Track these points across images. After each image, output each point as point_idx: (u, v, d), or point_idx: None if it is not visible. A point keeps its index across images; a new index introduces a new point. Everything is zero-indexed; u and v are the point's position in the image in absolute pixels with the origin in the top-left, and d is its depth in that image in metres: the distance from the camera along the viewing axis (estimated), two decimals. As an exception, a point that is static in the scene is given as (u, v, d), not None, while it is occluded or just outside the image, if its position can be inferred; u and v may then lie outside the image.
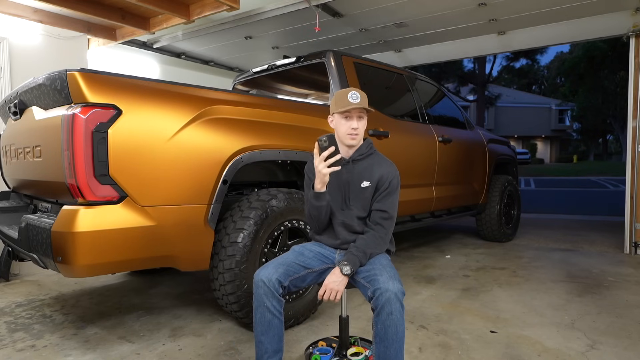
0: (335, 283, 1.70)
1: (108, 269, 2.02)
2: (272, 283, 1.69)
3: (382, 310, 1.56)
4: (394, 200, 1.85)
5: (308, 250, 1.89)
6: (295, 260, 1.81)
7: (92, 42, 4.62)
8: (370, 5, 4.02)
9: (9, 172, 2.87)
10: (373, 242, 1.79)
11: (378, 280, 1.61)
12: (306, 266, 1.82)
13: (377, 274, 1.65)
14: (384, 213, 1.83)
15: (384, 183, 1.84)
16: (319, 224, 1.89)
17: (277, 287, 1.70)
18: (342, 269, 1.70)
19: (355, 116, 1.81)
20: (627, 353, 2.17)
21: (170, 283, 3.56)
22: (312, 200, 1.80)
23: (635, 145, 4.27)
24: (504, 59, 29.61)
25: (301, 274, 1.80)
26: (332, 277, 1.72)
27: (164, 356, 2.21)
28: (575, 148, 40.30)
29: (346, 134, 1.82)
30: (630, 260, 4.13)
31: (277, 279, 1.70)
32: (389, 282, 1.58)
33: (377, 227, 1.82)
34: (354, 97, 1.80)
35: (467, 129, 4.69)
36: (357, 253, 1.74)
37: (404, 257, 4.38)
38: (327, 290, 1.70)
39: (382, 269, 1.68)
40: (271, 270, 1.72)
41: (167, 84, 2.23)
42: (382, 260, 1.77)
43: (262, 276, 1.70)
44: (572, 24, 4.57)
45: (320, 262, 1.87)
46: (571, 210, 8.26)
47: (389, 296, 1.55)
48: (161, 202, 2.07)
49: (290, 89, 3.87)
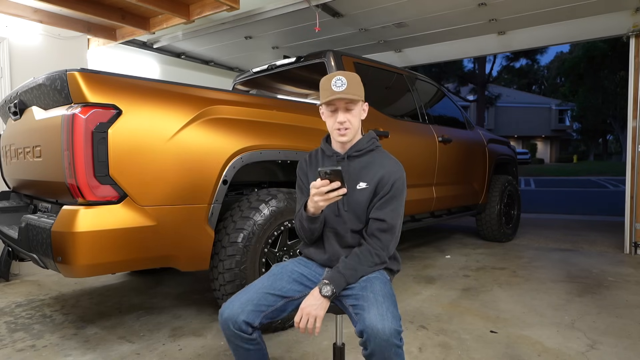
0: (313, 307, 1.36)
1: (108, 269, 2.02)
2: (238, 325, 1.39)
3: (372, 355, 1.27)
4: (396, 207, 1.51)
5: (288, 274, 1.55)
6: (269, 290, 1.48)
7: (92, 42, 4.62)
8: (370, 5, 4.02)
9: (9, 172, 2.87)
10: (366, 258, 1.46)
11: (364, 319, 1.28)
12: (283, 295, 1.48)
13: (365, 309, 1.31)
14: (382, 223, 1.48)
15: (385, 185, 1.50)
16: (310, 239, 1.60)
17: (246, 328, 1.40)
18: (321, 290, 1.38)
19: (341, 107, 1.49)
20: (627, 353, 2.17)
21: (170, 283, 3.56)
22: (305, 222, 1.50)
23: (635, 145, 4.27)
24: (504, 59, 29.65)
25: (278, 305, 1.47)
26: (309, 299, 1.39)
27: (164, 356, 2.21)
28: (575, 148, 40.31)
29: (334, 130, 1.53)
30: (630, 260, 4.13)
31: (243, 320, 1.39)
32: (378, 324, 1.25)
33: (373, 240, 1.48)
34: (337, 84, 1.45)
35: (467, 129, 4.69)
36: (345, 271, 1.42)
37: (404, 257, 4.37)
38: (303, 315, 1.36)
39: (373, 300, 1.33)
40: (237, 309, 1.41)
41: (167, 84, 2.23)
42: (375, 285, 1.41)
43: (227, 316, 1.41)
44: (572, 24, 4.57)
45: (302, 286, 1.53)
46: (571, 210, 8.26)
47: (378, 343, 1.24)
48: (161, 202, 2.07)
49: (290, 89, 3.87)
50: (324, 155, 1.66)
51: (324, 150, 1.66)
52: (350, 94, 1.47)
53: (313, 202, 1.40)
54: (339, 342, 1.61)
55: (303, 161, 1.72)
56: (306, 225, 1.52)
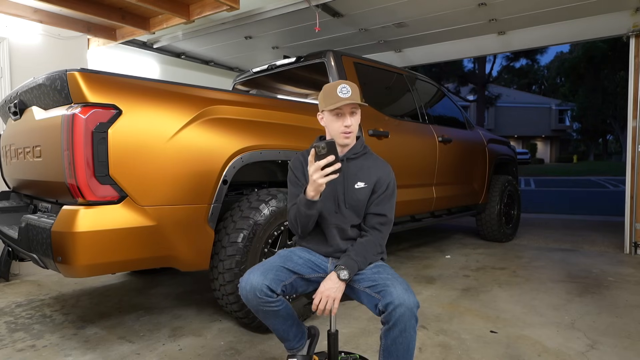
0: (332, 290, 1.51)
1: (108, 269, 2.02)
2: (264, 292, 1.50)
3: (394, 326, 1.42)
4: (392, 204, 1.72)
5: (297, 256, 1.69)
6: (282, 264, 1.61)
7: (92, 42, 4.62)
8: (370, 5, 4.02)
9: (9, 172, 2.87)
10: (372, 248, 1.64)
11: (391, 293, 1.44)
12: (295, 271, 1.62)
13: (389, 285, 1.47)
14: (383, 217, 1.68)
15: (382, 185, 1.69)
16: (304, 230, 1.69)
17: (270, 294, 1.52)
18: (339, 274, 1.52)
19: (347, 112, 1.64)
20: (627, 353, 2.17)
21: (170, 283, 3.56)
22: (303, 207, 1.58)
23: (635, 145, 4.27)
24: (504, 59, 29.67)
25: (291, 279, 1.61)
26: (327, 282, 1.53)
27: (164, 356, 2.21)
28: (575, 148, 40.31)
29: (339, 133, 1.65)
30: (630, 260, 4.13)
31: (267, 286, 1.51)
32: (405, 296, 1.42)
33: (375, 232, 1.67)
34: (344, 92, 1.61)
35: (467, 129, 4.69)
36: (357, 258, 1.57)
37: (404, 257, 4.37)
38: (322, 297, 1.51)
39: (394, 280, 1.50)
40: (259, 278, 1.52)
41: (167, 84, 2.23)
42: (388, 270, 1.60)
43: (251, 286, 1.51)
44: (572, 24, 4.57)
45: (310, 269, 1.67)
46: (571, 210, 8.26)
47: (403, 312, 1.40)
48: (161, 202, 2.07)
49: (290, 89, 3.87)
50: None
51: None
52: (356, 99, 1.63)
53: (313, 182, 1.50)
54: (333, 329, 1.73)
55: (297, 160, 1.78)
56: (303, 211, 1.59)
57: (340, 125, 1.65)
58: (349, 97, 1.61)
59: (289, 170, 1.79)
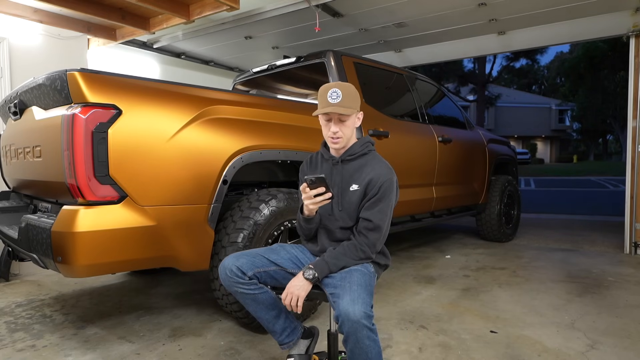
0: (296, 287, 1.53)
1: (108, 269, 2.02)
2: (233, 271, 1.60)
3: (347, 338, 1.40)
4: (383, 208, 1.62)
5: (285, 251, 1.76)
6: (264, 254, 1.70)
7: (92, 42, 4.62)
8: (370, 5, 4.02)
9: (9, 172, 2.87)
10: (350, 252, 1.60)
11: (338, 305, 1.41)
12: (276, 263, 1.69)
13: (340, 296, 1.44)
14: (369, 223, 1.61)
15: (373, 187, 1.62)
16: (308, 236, 1.81)
17: (239, 274, 1.60)
18: (304, 273, 1.54)
19: (334, 119, 1.61)
20: (627, 353, 2.17)
21: (170, 283, 3.56)
22: (302, 222, 1.69)
23: (635, 145, 4.27)
24: (504, 59, 29.66)
25: (269, 269, 1.67)
26: (294, 280, 1.56)
27: (164, 356, 2.21)
28: (575, 148, 40.30)
29: (328, 137, 1.67)
30: (630, 260, 4.13)
31: (236, 266, 1.60)
32: (349, 308, 1.37)
33: (361, 237, 1.62)
34: (333, 97, 1.57)
35: (467, 129, 4.69)
36: (328, 259, 1.57)
37: (404, 257, 4.38)
38: (287, 294, 1.54)
39: (348, 289, 1.45)
40: (231, 260, 1.63)
41: (167, 84, 2.23)
42: (353, 276, 1.53)
43: (222, 266, 1.62)
44: (572, 24, 4.57)
45: (294, 265, 1.72)
46: (571, 210, 8.26)
47: (350, 325, 1.37)
48: (161, 202, 2.07)
49: (291, 89, 3.87)
50: (323, 159, 1.82)
51: (323, 154, 1.83)
52: (344, 106, 1.59)
53: (305, 205, 1.60)
54: (333, 329, 1.74)
55: (305, 164, 1.85)
56: (303, 225, 1.74)
57: (327, 130, 1.66)
58: (337, 103, 1.57)
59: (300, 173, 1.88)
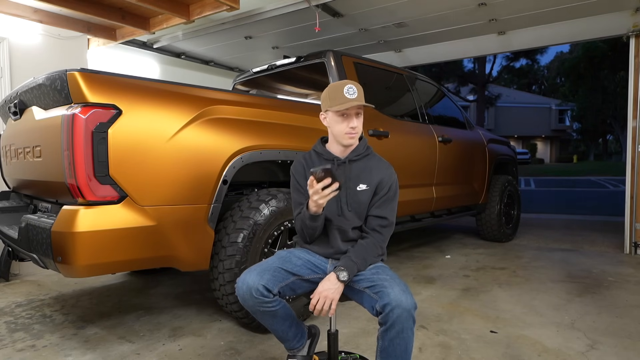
0: (330, 290, 1.50)
1: (108, 269, 2.02)
2: (260, 291, 1.50)
3: (392, 327, 1.41)
4: (394, 206, 1.70)
5: (296, 257, 1.68)
6: (281, 265, 1.61)
7: (92, 42, 4.62)
8: (370, 5, 4.02)
9: (9, 172, 2.87)
10: (372, 249, 1.63)
11: (388, 294, 1.43)
12: (294, 273, 1.62)
13: (387, 286, 1.47)
14: (384, 220, 1.67)
15: (384, 188, 1.68)
16: (311, 238, 1.71)
17: (267, 294, 1.51)
18: (338, 275, 1.51)
19: (353, 114, 1.63)
20: (627, 353, 2.17)
21: (170, 283, 3.56)
22: (307, 221, 1.61)
23: (635, 145, 4.27)
24: (504, 59, 29.66)
25: (289, 281, 1.60)
26: (326, 283, 1.52)
27: (164, 356, 2.21)
28: (575, 148, 40.29)
29: (344, 134, 1.65)
30: (630, 260, 4.13)
31: (263, 285, 1.50)
32: (402, 297, 1.41)
33: (375, 234, 1.66)
34: (350, 92, 1.60)
35: (467, 128, 4.69)
36: (356, 259, 1.57)
37: (404, 257, 4.37)
38: (320, 298, 1.50)
39: (392, 281, 1.49)
40: (255, 278, 1.51)
41: (167, 84, 2.23)
42: (387, 271, 1.59)
43: (247, 286, 1.50)
44: (572, 24, 4.57)
45: (310, 270, 1.67)
46: (571, 210, 8.26)
47: (400, 313, 1.39)
48: (161, 202, 2.07)
49: (291, 89, 3.86)
50: (321, 158, 1.75)
51: (321, 154, 1.75)
52: (362, 101, 1.63)
53: (313, 201, 1.51)
54: (333, 329, 1.75)
55: (299, 164, 1.77)
56: (308, 223, 1.62)
57: (345, 126, 1.64)
58: (355, 98, 1.60)
59: (291, 175, 1.78)
